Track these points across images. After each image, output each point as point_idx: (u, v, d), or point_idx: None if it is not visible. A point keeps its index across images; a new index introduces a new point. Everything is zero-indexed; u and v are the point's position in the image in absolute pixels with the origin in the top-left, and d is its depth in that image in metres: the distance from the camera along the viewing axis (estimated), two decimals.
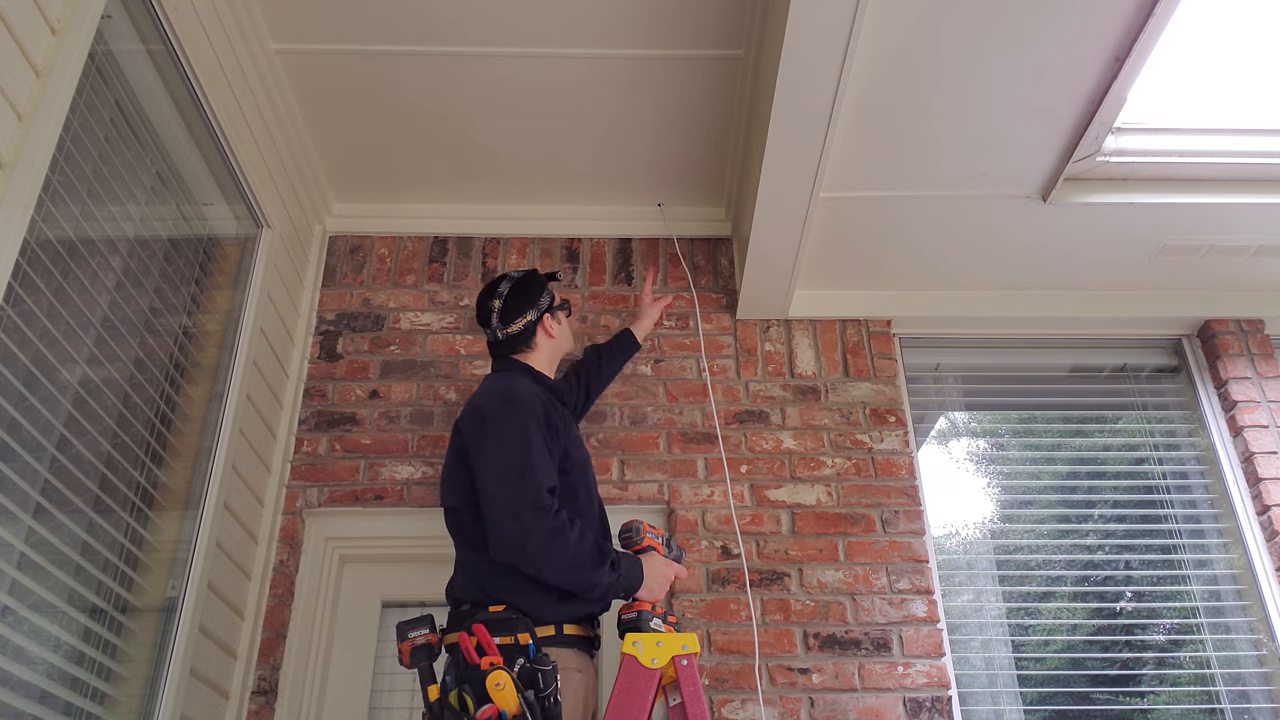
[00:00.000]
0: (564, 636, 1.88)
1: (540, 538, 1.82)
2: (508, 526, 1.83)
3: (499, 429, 1.95)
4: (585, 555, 1.85)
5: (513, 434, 1.93)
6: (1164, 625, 2.74)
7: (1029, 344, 3.13)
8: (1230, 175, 2.63)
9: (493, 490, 1.88)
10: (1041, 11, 2.14)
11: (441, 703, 1.72)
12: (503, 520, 1.84)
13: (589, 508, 2.06)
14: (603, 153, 2.87)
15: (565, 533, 1.84)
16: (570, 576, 1.85)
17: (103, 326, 1.90)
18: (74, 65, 1.69)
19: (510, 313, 2.21)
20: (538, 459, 1.90)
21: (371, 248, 3.04)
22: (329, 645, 2.54)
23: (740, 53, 2.52)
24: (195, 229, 2.36)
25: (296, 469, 2.67)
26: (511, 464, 1.89)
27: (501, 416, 1.97)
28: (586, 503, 2.06)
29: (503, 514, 1.85)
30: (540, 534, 1.82)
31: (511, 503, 1.84)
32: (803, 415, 2.82)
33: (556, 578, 1.85)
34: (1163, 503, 2.90)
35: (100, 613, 1.87)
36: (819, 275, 2.95)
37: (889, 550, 2.62)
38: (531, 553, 1.82)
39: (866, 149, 2.50)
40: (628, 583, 1.91)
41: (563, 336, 2.31)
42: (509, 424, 1.94)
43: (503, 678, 1.63)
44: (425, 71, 2.56)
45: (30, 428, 1.64)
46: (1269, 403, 2.90)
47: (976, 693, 2.60)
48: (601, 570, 1.86)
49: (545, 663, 1.72)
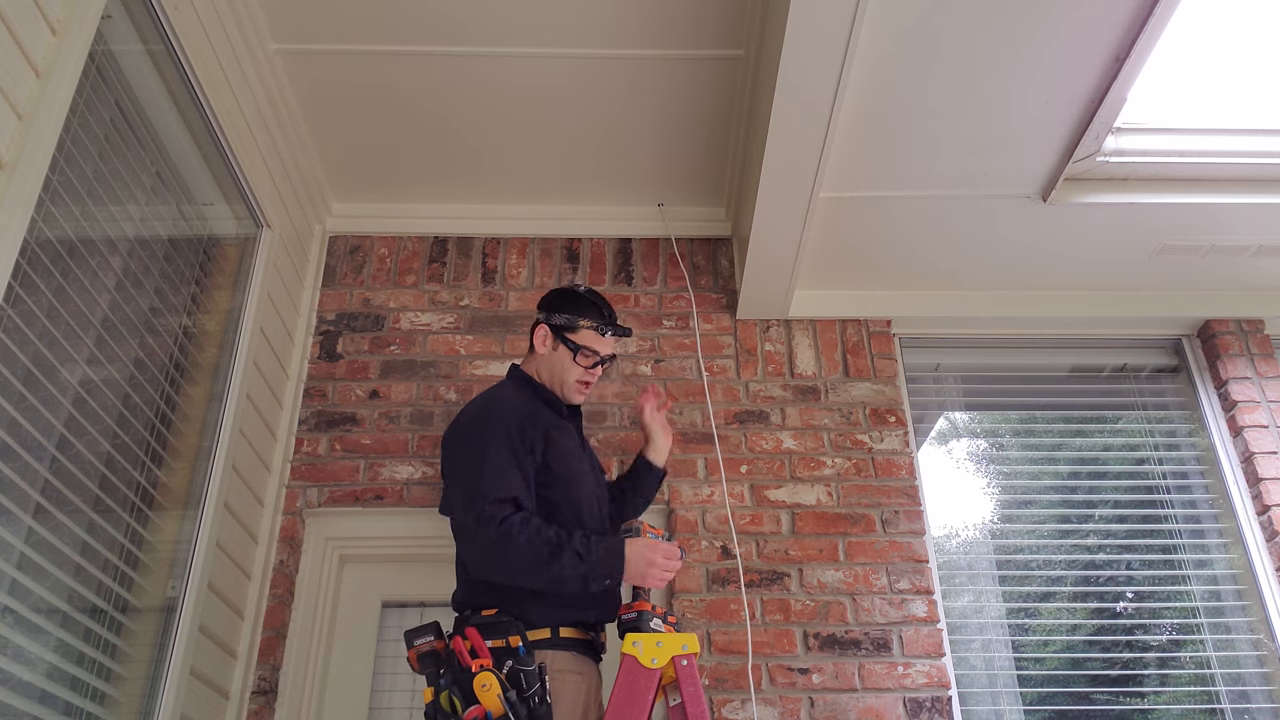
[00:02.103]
0: (560, 639, 1.87)
1: (487, 547, 1.82)
2: (464, 545, 1.92)
3: (466, 445, 1.97)
4: (538, 551, 1.80)
5: (474, 450, 1.93)
6: (1164, 625, 2.74)
7: (1029, 344, 3.13)
8: (1230, 175, 2.63)
9: (457, 513, 1.93)
10: (1041, 12, 2.14)
11: (435, 705, 1.73)
12: (460, 538, 1.93)
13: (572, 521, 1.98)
14: (603, 153, 2.87)
15: (512, 536, 1.80)
16: (532, 576, 1.82)
17: (103, 326, 1.90)
18: (74, 65, 1.69)
19: (543, 304, 2.21)
20: (490, 470, 1.88)
21: (371, 248, 3.04)
22: (329, 645, 2.54)
23: (740, 53, 2.52)
24: (195, 229, 2.36)
25: (296, 469, 2.67)
26: (467, 481, 1.91)
27: (468, 432, 1.99)
28: (570, 516, 1.99)
29: (460, 533, 1.92)
30: (486, 543, 1.82)
31: (463, 521, 1.89)
32: (803, 415, 2.82)
33: (522, 580, 1.83)
34: (1163, 503, 2.90)
35: (100, 613, 1.87)
36: (819, 275, 2.95)
37: (889, 550, 2.62)
38: (489, 563, 1.84)
39: (866, 149, 2.50)
40: (606, 568, 1.84)
41: (549, 365, 2.14)
42: (473, 440, 1.95)
43: (488, 679, 1.65)
44: (425, 71, 2.56)
45: (30, 428, 1.64)
46: (1269, 403, 2.90)
47: (976, 693, 2.60)
48: (560, 563, 1.80)
49: (529, 663, 1.72)
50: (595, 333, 2.14)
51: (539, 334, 2.16)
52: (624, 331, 2.20)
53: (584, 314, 2.14)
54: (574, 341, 2.12)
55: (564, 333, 2.13)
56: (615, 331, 2.17)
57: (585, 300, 2.17)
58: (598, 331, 2.14)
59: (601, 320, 2.15)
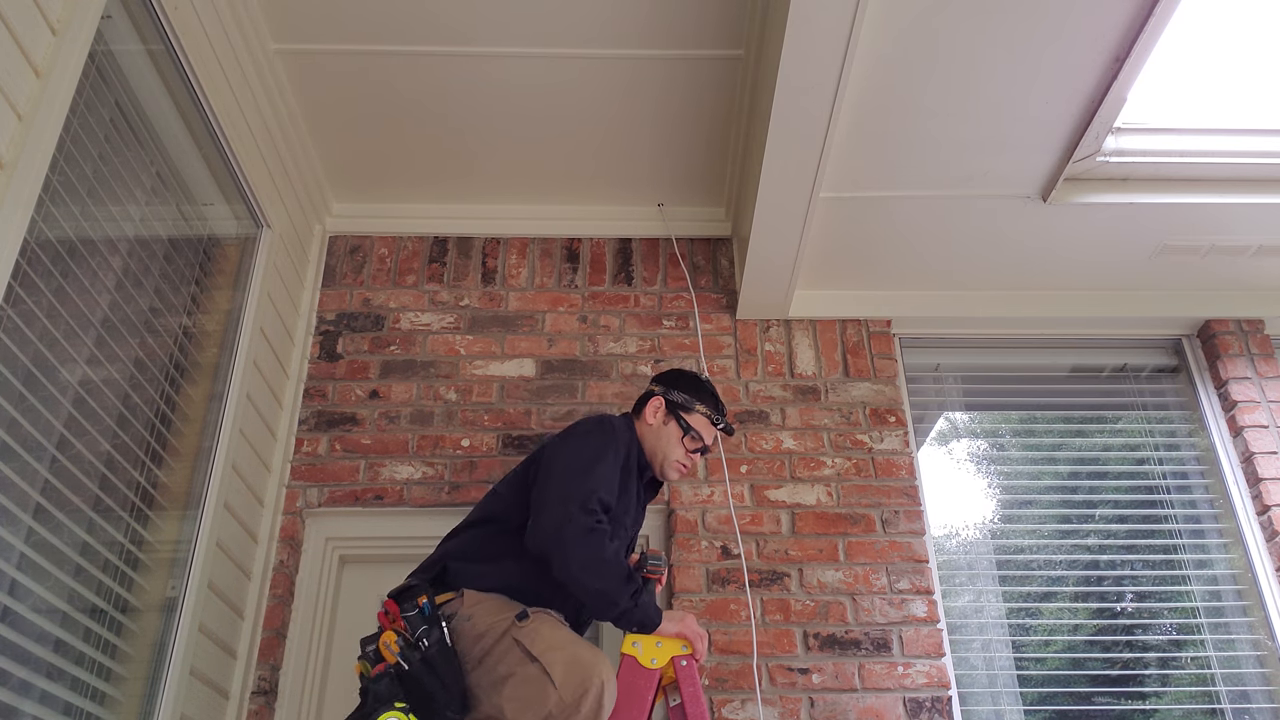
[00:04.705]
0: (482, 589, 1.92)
1: (576, 532, 1.84)
2: (552, 510, 1.88)
3: (582, 438, 2.05)
4: (615, 568, 1.86)
5: (591, 446, 2.01)
6: (1164, 625, 2.74)
7: (1029, 344, 3.13)
8: (1230, 175, 2.62)
9: (552, 482, 1.94)
10: (1041, 12, 2.14)
11: (363, 675, 1.84)
12: (549, 504, 1.90)
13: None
14: (603, 153, 2.87)
15: (603, 539, 1.85)
16: (592, 580, 1.84)
17: (103, 326, 1.90)
18: (74, 65, 1.69)
19: (662, 379, 2.30)
20: (602, 473, 1.96)
21: (371, 248, 3.04)
22: (329, 645, 2.54)
23: (740, 53, 2.52)
24: (195, 229, 2.36)
25: (296, 469, 2.67)
26: (576, 465, 1.96)
27: (590, 435, 2.06)
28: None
29: (551, 499, 1.91)
30: (578, 529, 1.85)
31: (562, 493, 1.90)
32: (803, 415, 2.82)
33: (579, 576, 1.84)
34: (1163, 503, 2.90)
35: (100, 613, 1.87)
36: (819, 275, 2.95)
37: (889, 550, 2.62)
38: (564, 541, 1.84)
39: (866, 149, 2.50)
40: (643, 616, 1.88)
41: (657, 437, 2.20)
42: (592, 443, 2.03)
43: (388, 637, 1.80)
44: (425, 71, 2.56)
45: (30, 428, 1.64)
46: (1269, 403, 2.90)
47: (977, 693, 2.60)
48: (625, 590, 1.85)
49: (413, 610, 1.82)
50: (708, 420, 2.24)
51: (652, 405, 2.24)
52: (731, 430, 2.30)
53: (703, 400, 2.24)
54: (687, 422, 2.21)
55: (679, 410, 2.22)
56: (726, 427, 2.27)
57: (706, 388, 2.28)
58: (710, 420, 2.24)
59: (716, 411, 2.25)
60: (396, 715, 1.71)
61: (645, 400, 2.26)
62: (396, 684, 1.76)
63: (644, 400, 2.27)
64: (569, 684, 1.72)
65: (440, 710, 1.76)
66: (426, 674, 1.76)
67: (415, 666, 1.76)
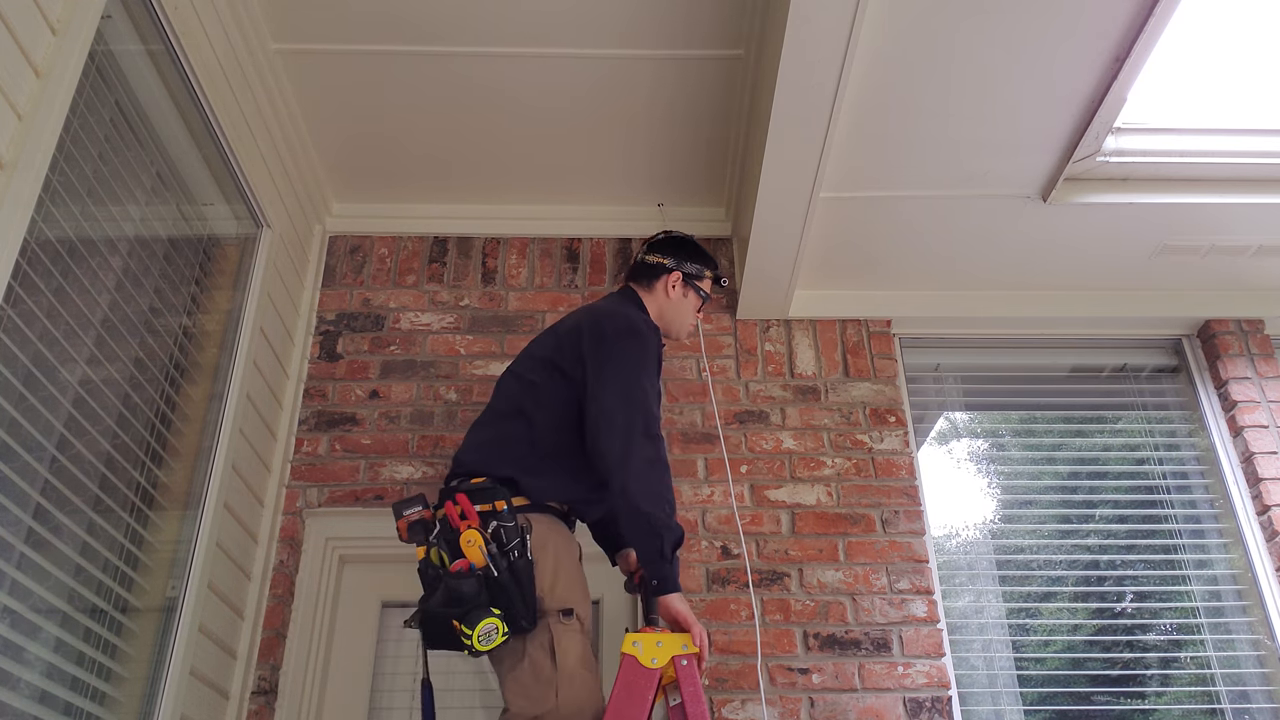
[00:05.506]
0: (539, 504, 1.94)
1: (642, 463, 1.87)
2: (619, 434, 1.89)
3: (621, 355, 2.01)
4: (672, 508, 1.87)
5: (632, 357, 2.00)
6: (1164, 625, 2.74)
7: (1029, 344, 3.13)
8: (1230, 175, 2.63)
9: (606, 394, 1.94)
10: (1041, 11, 2.14)
11: (426, 561, 1.86)
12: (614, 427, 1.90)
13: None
14: (603, 153, 2.87)
15: (666, 473, 1.89)
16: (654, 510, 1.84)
17: (103, 326, 1.90)
18: (74, 65, 1.69)
19: (659, 246, 2.32)
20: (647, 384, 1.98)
21: (371, 248, 3.04)
22: (329, 645, 2.54)
23: (740, 52, 2.52)
24: (195, 229, 2.36)
25: (296, 469, 2.67)
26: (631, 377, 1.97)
27: (625, 344, 2.03)
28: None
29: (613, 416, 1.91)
30: (644, 459, 1.87)
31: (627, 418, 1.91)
32: (803, 415, 2.82)
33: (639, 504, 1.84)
34: (1163, 503, 2.90)
35: (100, 613, 1.87)
36: (819, 275, 2.95)
37: (889, 550, 2.62)
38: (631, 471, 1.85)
39: (866, 149, 2.50)
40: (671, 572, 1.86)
41: (676, 309, 2.27)
42: (630, 346, 2.02)
43: (473, 535, 1.80)
44: (425, 71, 2.56)
45: (30, 428, 1.64)
46: (1269, 403, 2.90)
47: (977, 693, 2.60)
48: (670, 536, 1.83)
49: (510, 521, 1.82)
50: (713, 281, 2.35)
51: (670, 280, 2.27)
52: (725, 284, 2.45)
53: (708, 264, 2.34)
54: (701, 289, 2.31)
55: (694, 280, 2.30)
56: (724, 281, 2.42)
57: (704, 250, 2.36)
58: (715, 280, 2.36)
59: (716, 268, 2.36)
60: (495, 622, 1.73)
61: (655, 274, 2.28)
62: (484, 587, 1.76)
63: (652, 273, 2.28)
64: (569, 705, 1.76)
65: (515, 620, 1.77)
66: (512, 584, 1.77)
67: (504, 575, 1.77)
